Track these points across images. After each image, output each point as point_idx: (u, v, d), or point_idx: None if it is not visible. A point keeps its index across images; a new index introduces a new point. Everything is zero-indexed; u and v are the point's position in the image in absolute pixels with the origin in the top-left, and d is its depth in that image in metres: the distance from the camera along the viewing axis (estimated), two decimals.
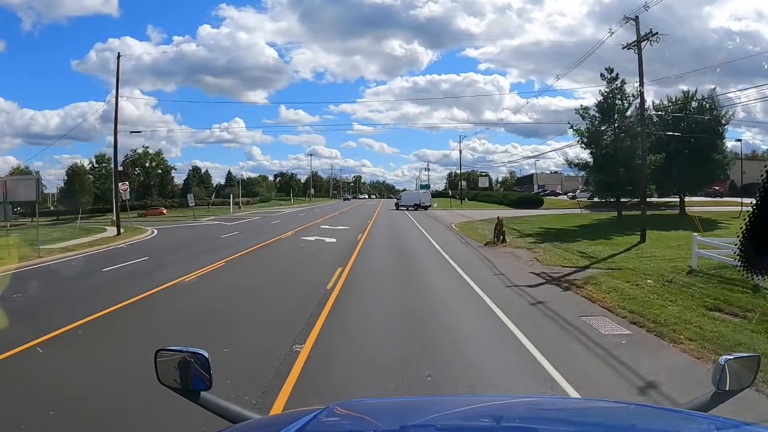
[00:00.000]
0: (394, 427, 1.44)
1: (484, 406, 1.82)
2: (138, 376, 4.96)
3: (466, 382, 5.72)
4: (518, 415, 1.67)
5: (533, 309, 9.50)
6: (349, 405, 1.95)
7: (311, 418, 1.43)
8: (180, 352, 1.86)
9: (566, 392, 5.31)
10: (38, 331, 7.72)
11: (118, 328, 8.34)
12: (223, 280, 12.92)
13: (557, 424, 1.63)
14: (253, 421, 1.78)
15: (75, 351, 7.14)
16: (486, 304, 9.74)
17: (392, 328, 8.08)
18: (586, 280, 12.06)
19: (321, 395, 5.21)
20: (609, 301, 9.83)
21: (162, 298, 10.69)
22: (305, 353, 6.61)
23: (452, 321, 8.62)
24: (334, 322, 8.31)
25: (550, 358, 6.34)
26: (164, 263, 16.29)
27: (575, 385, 5.46)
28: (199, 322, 8.52)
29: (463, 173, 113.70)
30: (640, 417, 1.70)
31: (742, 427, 1.43)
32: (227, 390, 4.72)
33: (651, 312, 8.73)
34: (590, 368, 6.22)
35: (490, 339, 7.59)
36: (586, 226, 28.96)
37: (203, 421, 3.02)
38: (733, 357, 1.81)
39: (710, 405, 1.76)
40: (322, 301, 9.78)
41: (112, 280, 13.33)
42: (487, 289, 11.08)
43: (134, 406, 4.97)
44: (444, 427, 1.43)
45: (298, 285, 12.03)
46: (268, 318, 8.90)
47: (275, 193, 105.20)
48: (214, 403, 1.82)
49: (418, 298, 10.53)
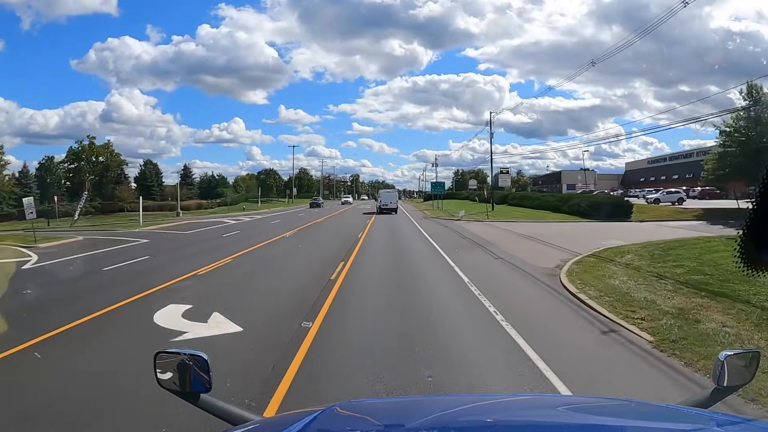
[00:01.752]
0: (386, 426, 1.48)
1: (485, 406, 1.82)
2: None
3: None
4: (518, 414, 1.68)
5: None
6: (350, 405, 1.92)
7: (312, 419, 1.43)
8: (179, 354, 1.83)
9: None
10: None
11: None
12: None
13: (557, 422, 1.58)
14: (254, 422, 1.73)
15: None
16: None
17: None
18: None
19: None
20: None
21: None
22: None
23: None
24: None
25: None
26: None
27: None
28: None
29: (470, 172, 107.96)
30: (640, 414, 1.69)
31: (743, 423, 1.44)
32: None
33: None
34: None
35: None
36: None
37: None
38: (732, 353, 1.76)
39: (710, 401, 1.75)
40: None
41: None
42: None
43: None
44: (445, 427, 1.43)
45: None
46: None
47: (251, 194, 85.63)
48: (213, 405, 1.79)
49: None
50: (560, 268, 12.62)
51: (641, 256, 13.84)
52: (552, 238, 19.96)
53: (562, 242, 18.23)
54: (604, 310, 8.32)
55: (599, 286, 10.09)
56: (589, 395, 4.64)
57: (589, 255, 14.63)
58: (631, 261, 13.16)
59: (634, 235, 19.99)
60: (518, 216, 36.32)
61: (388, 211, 47.13)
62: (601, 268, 12.19)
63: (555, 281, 11.19)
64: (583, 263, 13.27)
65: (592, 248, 15.98)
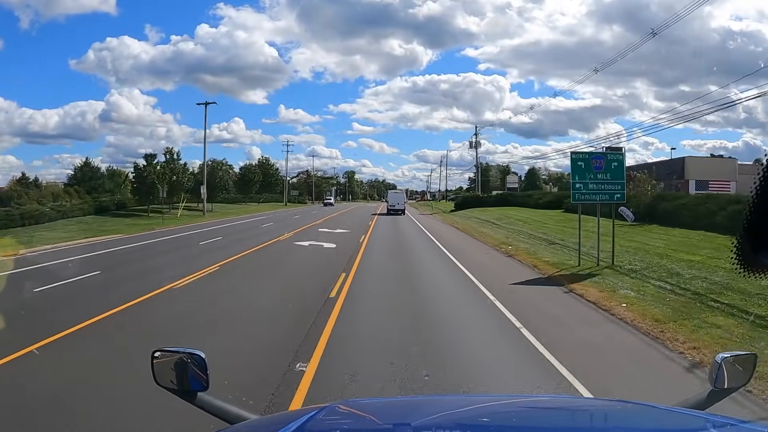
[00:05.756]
0: (395, 426, 1.42)
1: (485, 406, 1.80)
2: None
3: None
4: (518, 415, 1.66)
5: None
6: (350, 404, 1.94)
7: (310, 416, 1.40)
8: (177, 352, 1.82)
9: None
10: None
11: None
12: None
13: (556, 424, 1.62)
14: (253, 420, 1.74)
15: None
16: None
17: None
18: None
19: None
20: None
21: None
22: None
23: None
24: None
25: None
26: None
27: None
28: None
29: (475, 173, 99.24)
30: (637, 416, 1.68)
31: (739, 425, 1.42)
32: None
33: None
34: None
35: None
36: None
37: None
38: (729, 355, 1.77)
39: (707, 403, 1.75)
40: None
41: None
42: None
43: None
44: (445, 426, 1.40)
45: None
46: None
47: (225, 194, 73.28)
48: (211, 403, 1.77)
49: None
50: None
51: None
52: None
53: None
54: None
55: None
56: (589, 396, 4.70)
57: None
58: None
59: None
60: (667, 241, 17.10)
61: (395, 212, 46.79)
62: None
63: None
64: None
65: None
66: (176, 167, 48.15)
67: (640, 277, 11.65)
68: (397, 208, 47.96)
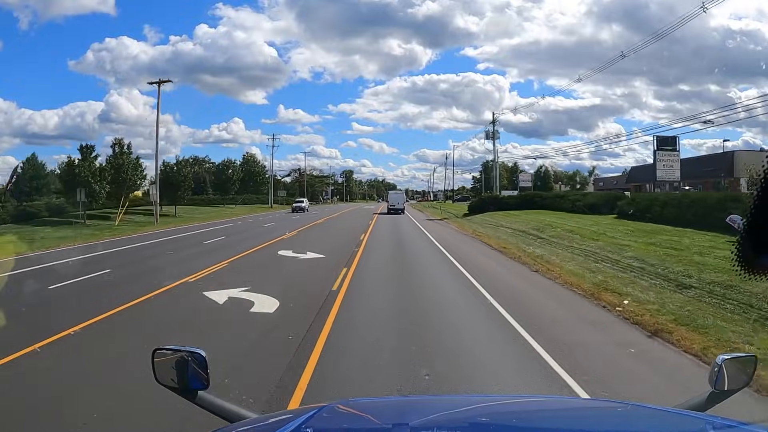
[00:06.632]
0: (393, 426, 1.42)
1: (485, 406, 1.81)
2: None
3: None
4: (518, 415, 1.66)
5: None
6: (349, 403, 1.92)
7: (310, 416, 1.41)
8: (177, 351, 1.81)
9: None
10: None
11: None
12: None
13: (555, 424, 1.61)
14: (252, 419, 1.74)
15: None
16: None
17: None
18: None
19: None
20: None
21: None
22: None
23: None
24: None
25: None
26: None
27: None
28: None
29: (481, 171, 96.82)
30: (637, 417, 1.69)
31: (739, 427, 1.42)
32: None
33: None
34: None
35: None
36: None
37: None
38: (729, 357, 1.76)
39: (707, 405, 1.74)
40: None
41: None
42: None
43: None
44: (443, 426, 1.41)
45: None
46: None
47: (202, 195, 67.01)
48: (211, 402, 1.78)
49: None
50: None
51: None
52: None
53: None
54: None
55: None
56: (589, 397, 4.70)
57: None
58: None
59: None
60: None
61: (396, 211, 50.38)
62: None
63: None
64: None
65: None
66: (124, 162, 38.94)
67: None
68: (398, 207, 52.24)
